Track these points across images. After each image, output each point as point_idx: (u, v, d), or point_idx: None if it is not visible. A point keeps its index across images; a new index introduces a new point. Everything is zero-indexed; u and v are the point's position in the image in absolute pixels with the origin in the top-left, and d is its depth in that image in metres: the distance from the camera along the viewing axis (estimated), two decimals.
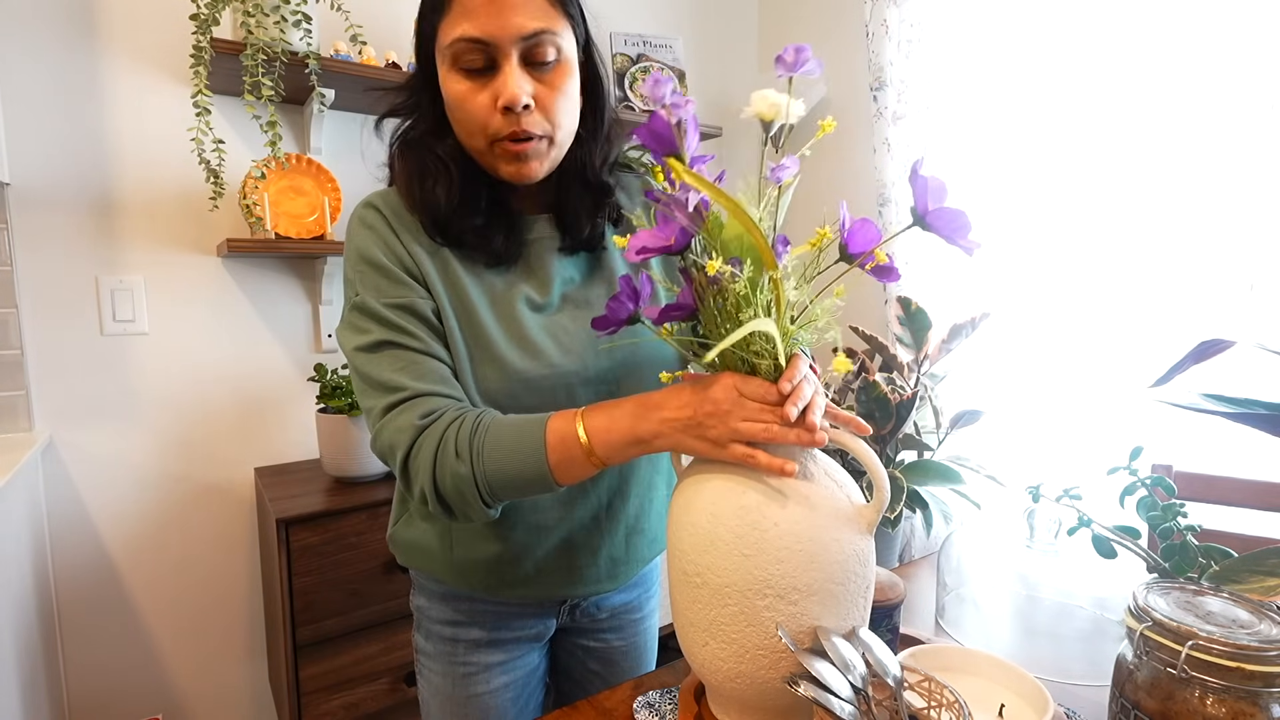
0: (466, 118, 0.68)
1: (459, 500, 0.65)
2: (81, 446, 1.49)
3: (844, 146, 2.11)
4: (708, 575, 0.57)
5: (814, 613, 0.56)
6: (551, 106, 0.68)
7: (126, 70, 1.47)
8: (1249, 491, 1.13)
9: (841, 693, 0.50)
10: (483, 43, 0.65)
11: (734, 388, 0.57)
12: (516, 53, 0.66)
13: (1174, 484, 0.77)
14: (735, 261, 0.56)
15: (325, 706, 1.39)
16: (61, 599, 1.49)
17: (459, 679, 0.83)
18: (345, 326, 0.73)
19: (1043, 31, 1.58)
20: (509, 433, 0.64)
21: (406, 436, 0.65)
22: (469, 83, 0.67)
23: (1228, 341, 0.60)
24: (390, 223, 0.73)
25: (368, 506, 1.41)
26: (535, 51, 0.66)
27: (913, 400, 1.11)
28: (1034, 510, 0.82)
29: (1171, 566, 0.72)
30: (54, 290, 1.44)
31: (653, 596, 0.97)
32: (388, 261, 0.71)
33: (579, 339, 0.75)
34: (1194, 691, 0.51)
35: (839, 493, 0.59)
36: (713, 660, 0.59)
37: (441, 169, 0.72)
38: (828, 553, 0.56)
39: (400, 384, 0.67)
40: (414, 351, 0.69)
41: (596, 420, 0.63)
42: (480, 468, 0.63)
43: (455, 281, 0.73)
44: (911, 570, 1.10)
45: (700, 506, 0.59)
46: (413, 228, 0.74)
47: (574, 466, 0.64)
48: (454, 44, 0.66)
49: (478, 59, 0.66)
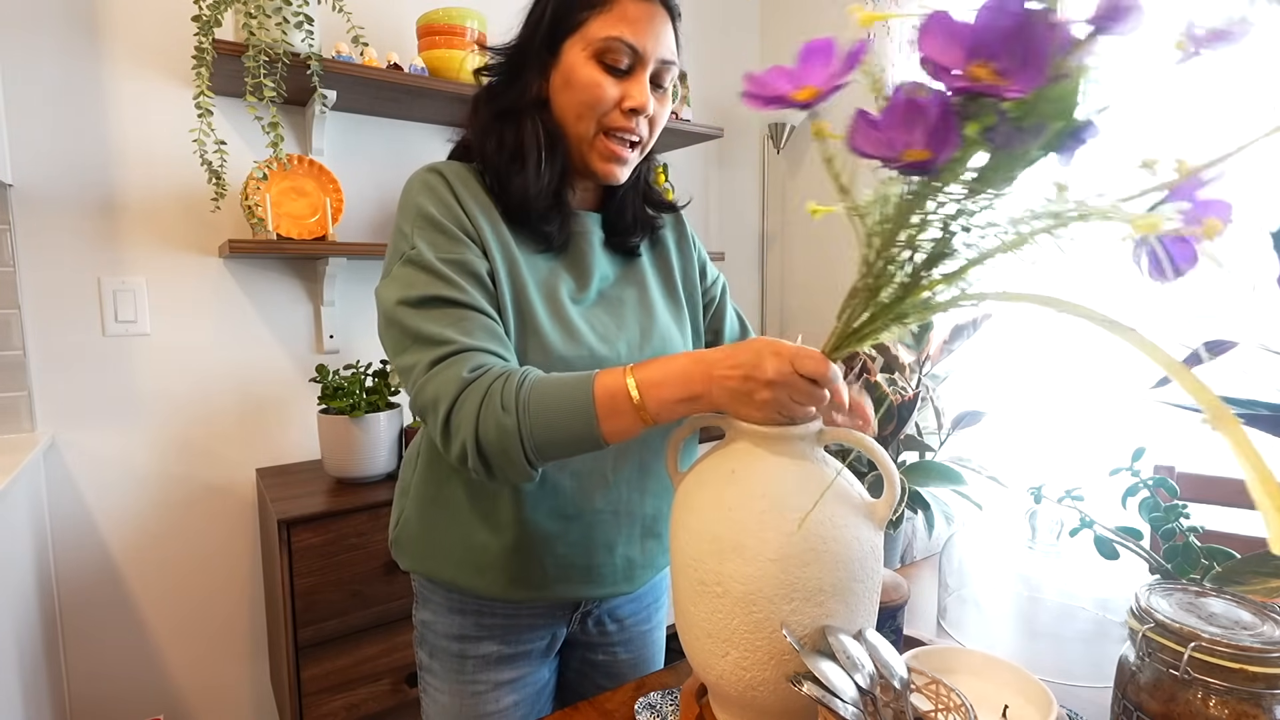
0: (592, 100, 0.72)
1: (501, 456, 0.63)
2: (83, 447, 1.49)
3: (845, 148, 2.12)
4: (730, 584, 0.56)
5: (838, 613, 0.55)
6: (656, 122, 0.77)
7: (129, 72, 1.47)
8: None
9: (846, 693, 0.50)
10: (635, 50, 0.72)
11: (790, 362, 0.57)
12: (651, 69, 0.74)
13: (1176, 485, 0.77)
14: None
15: (327, 707, 1.39)
16: (63, 599, 1.49)
17: (467, 698, 0.81)
18: (391, 281, 0.71)
19: None
20: (557, 387, 0.63)
21: (452, 388, 0.64)
22: (604, 77, 0.72)
23: (1231, 342, 0.60)
24: (454, 188, 0.74)
25: (369, 507, 1.41)
26: (662, 74, 0.75)
27: (914, 401, 1.11)
28: (1036, 511, 0.82)
29: (1174, 568, 0.72)
30: (56, 291, 1.44)
31: (661, 608, 0.97)
32: (447, 221, 0.72)
33: (612, 331, 0.79)
34: (1196, 693, 0.51)
35: (851, 490, 0.59)
36: (734, 670, 0.57)
37: (543, 151, 0.75)
38: (849, 551, 0.56)
39: (448, 338, 0.66)
40: (465, 307, 0.68)
41: (648, 373, 0.62)
42: (527, 422, 0.62)
43: (511, 256, 0.74)
44: (913, 571, 1.10)
45: (716, 513, 0.58)
46: (478, 196, 0.75)
47: (622, 420, 0.62)
48: (608, 39, 0.71)
49: (623, 61, 0.72)
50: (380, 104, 1.69)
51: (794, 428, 0.59)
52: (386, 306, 0.70)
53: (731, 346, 0.61)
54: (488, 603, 0.81)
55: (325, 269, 1.65)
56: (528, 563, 0.77)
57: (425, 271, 0.69)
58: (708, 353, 0.62)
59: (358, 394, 1.50)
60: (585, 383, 0.63)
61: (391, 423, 1.53)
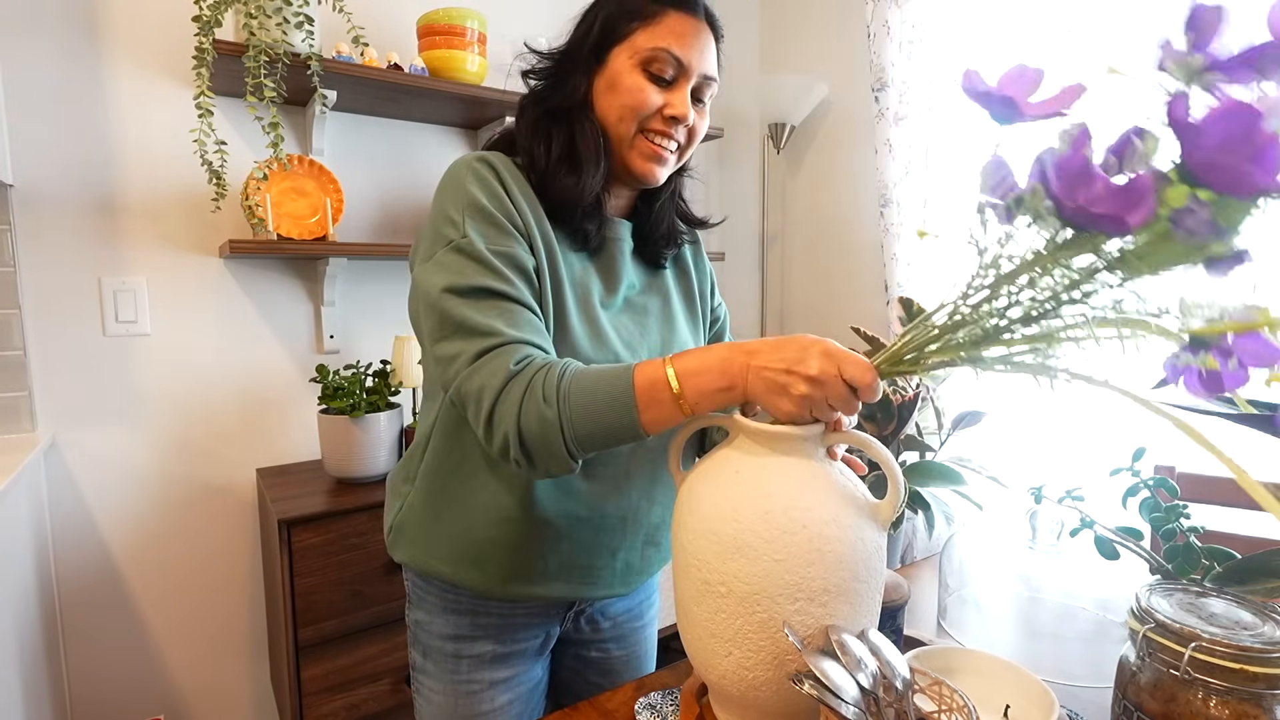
0: (635, 103, 0.74)
1: (543, 448, 0.64)
2: (84, 447, 1.49)
3: (845, 148, 2.11)
4: (734, 584, 0.56)
5: (841, 613, 0.56)
6: (695, 133, 0.80)
7: (129, 72, 1.47)
8: None
9: (848, 692, 0.50)
10: (680, 62, 0.74)
11: (835, 363, 0.57)
12: (694, 82, 0.76)
13: (1177, 485, 0.77)
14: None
15: (327, 707, 1.39)
16: (64, 599, 1.49)
17: (462, 697, 0.82)
18: (437, 266, 0.70)
19: (1045, 32, 1.58)
20: (596, 378, 0.64)
21: (498, 380, 0.64)
22: (649, 85, 0.75)
23: None
24: (503, 180, 0.75)
25: (369, 507, 1.41)
26: (702, 89, 0.78)
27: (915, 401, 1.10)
28: (1036, 511, 0.82)
29: (1174, 568, 0.72)
30: (57, 291, 1.44)
31: (653, 605, 0.97)
32: (498, 213, 0.72)
33: (636, 338, 0.81)
34: (1197, 693, 0.51)
35: (855, 490, 0.59)
36: (737, 670, 0.57)
37: (593, 154, 0.77)
38: (854, 552, 0.56)
39: (496, 329, 0.66)
40: (513, 301, 0.69)
41: (686, 363, 0.63)
42: (568, 414, 0.62)
43: (553, 253, 0.75)
44: (913, 571, 1.10)
45: (720, 512, 0.58)
46: (525, 191, 0.76)
47: (661, 410, 0.63)
48: (655, 50, 0.74)
49: (668, 71, 0.75)
50: (380, 104, 1.69)
51: (800, 428, 0.59)
52: (431, 292, 0.69)
53: (775, 340, 0.61)
54: (482, 601, 0.81)
55: (325, 269, 1.65)
56: (529, 560, 0.77)
57: (475, 261, 0.69)
58: (748, 344, 0.62)
59: (358, 394, 1.50)
60: (625, 373, 0.63)
61: (391, 423, 1.53)
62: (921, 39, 1.74)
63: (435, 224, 0.72)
